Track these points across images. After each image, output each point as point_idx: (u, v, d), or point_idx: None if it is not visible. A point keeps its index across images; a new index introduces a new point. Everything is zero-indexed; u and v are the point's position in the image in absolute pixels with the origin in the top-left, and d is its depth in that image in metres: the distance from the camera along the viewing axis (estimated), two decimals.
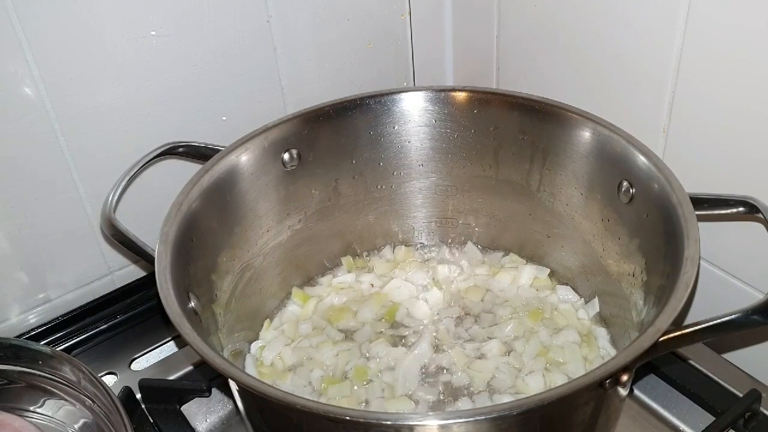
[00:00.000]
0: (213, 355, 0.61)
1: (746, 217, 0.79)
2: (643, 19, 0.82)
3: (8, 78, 0.81)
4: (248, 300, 0.87)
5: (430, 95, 0.92)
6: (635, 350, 0.58)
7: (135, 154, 0.84)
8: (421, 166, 0.96)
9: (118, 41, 0.86)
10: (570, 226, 0.89)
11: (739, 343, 0.87)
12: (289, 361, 0.85)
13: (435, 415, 0.55)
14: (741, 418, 0.76)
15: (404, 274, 0.96)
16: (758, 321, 0.60)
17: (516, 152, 0.91)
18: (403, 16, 1.10)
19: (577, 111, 0.84)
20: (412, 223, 1.00)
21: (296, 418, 0.61)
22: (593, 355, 0.83)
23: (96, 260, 0.97)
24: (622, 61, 0.87)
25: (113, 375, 0.90)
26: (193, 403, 0.84)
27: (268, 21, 0.96)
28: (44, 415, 0.77)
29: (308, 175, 0.91)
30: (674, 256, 0.67)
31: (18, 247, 0.89)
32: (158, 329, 0.95)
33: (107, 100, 0.88)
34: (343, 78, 1.07)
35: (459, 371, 0.82)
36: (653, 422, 0.80)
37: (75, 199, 0.91)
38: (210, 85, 0.95)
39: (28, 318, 0.94)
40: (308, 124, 0.89)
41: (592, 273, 0.88)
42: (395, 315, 0.90)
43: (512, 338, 0.85)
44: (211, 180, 0.80)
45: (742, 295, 0.84)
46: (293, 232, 0.92)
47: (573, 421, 0.63)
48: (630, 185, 0.78)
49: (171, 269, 0.69)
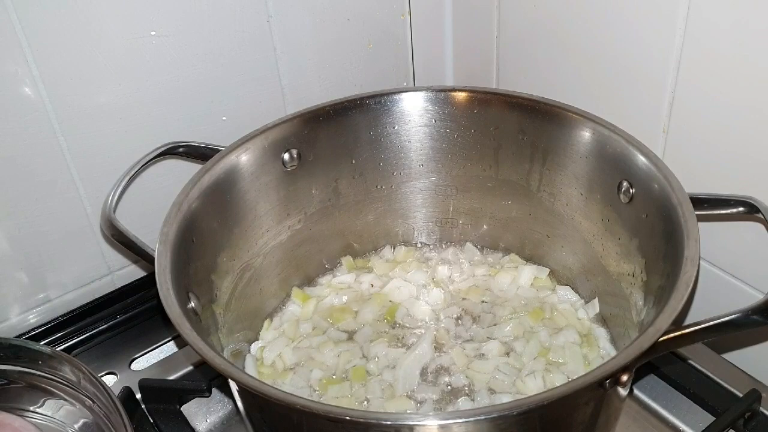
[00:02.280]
0: (213, 355, 0.61)
1: (746, 217, 0.79)
2: (643, 19, 0.82)
3: (8, 78, 0.81)
4: (248, 300, 0.87)
5: (430, 95, 0.92)
6: (635, 350, 0.58)
7: (135, 154, 0.85)
8: (421, 166, 0.96)
9: (119, 41, 0.86)
10: (570, 226, 0.89)
11: (739, 343, 0.87)
12: (289, 361, 0.84)
13: (435, 415, 0.55)
14: (741, 418, 0.76)
15: (404, 275, 0.96)
16: (758, 321, 0.60)
17: (516, 152, 0.91)
18: (403, 16, 1.10)
19: (577, 111, 0.84)
20: (412, 223, 1.00)
21: (296, 418, 0.61)
22: (593, 355, 0.83)
23: (96, 260, 0.97)
24: (622, 61, 0.87)
25: (113, 375, 0.90)
26: (193, 403, 0.84)
27: (268, 21, 0.96)
28: (44, 415, 0.77)
29: (308, 175, 0.91)
30: (674, 256, 0.67)
31: (18, 247, 0.89)
32: (158, 329, 0.95)
33: (107, 100, 0.88)
34: (343, 78, 1.07)
35: (459, 371, 0.82)
36: (653, 422, 0.80)
37: (75, 198, 0.91)
38: (210, 85, 0.95)
39: (28, 318, 0.94)
40: (308, 124, 0.89)
41: (592, 273, 0.88)
42: (395, 315, 0.90)
43: (512, 338, 0.85)
44: (211, 180, 0.80)
45: (742, 295, 0.84)
46: (293, 232, 0.92)
47: (573, 421, 0.63)
48: (630, 185, 0.78)
49: (171, 269, 0.69)
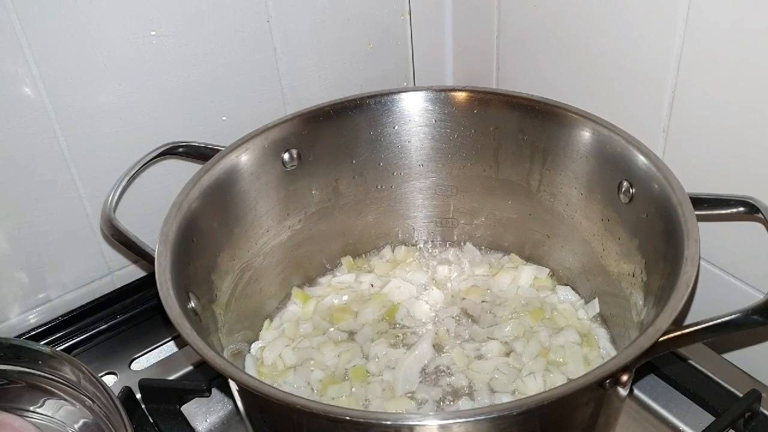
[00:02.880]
0: (213, 355, 0.61)
1: (746, 217, 0.79)
2: (643, 19, 0.82)
3: (8, 78, 0.81)
4: (248, 300, 0.87)
5: (430, 95, 0.92)
6: (635, 350, 0.58)
7: (135, 154, 0.85)
8: (421, 166, 0.96)
9: (119, 41, 0.86)
10: (570, 226, 0.89)
11: (739, 343, 0.87)
12: (289, 361, 0.84)
13: (435, 415, 0.55)
14: (741, 418, 0.76)
15: (404, 275, 0.96)
16: (758, 321, 0.60)
17: (516, 152, 0.91)
18: (404, 16, 1.10)
19: (577, 111, 0.84)
20: (412, 223, 1.00)
21: (296, 418, 0.61)
22: (593, 355, 0.83)
23: (96, 260, 0.97)
24: (622, 61, 0.87)
25: (113, 375, 0.90)
26: (193, 403, 0.84)
27: (268, 21, 0.96)
28: (44, 415, 0.77)
29: (308, 175, 0.91)
30: (674, 256, 0.67)
31: (18, 247, 0.89)
32: (158, 329, 0.95)
33: (107, 100, 0.88)
34: (343, 78, 1.07)
35: (459, 371, 0.82)
36: (653, 422, 0.80)
37: (75, 198, 0.91)
38: (210, 85, 0.95)
39: (28, 318, 0.94)
40: (308, 124, 0.89)
41: (592, 273, 0.88)
42: (395, 315, 0.90)
43: (512, 338, 0.85)
44: (211, 180, 0.80)
45: (742, 295, 0.84)
46: (293, 232, 0.92)
47: (573, 421, 0.63)
48: (630, 185, 0.78)
49: (171, 269, 0.69)
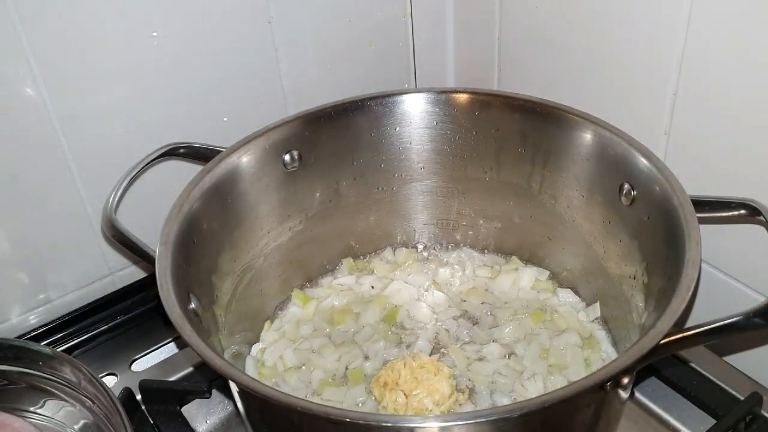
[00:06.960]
0: (213, 356, 0.61)
1: (748, 220, 0.79)
2: (644, 21, 0.82)
3: (9, 78, 0.81)
4: (249, 301, 0.87)
5: (431, 97, 0.92)
6: (636, 353, 0.58)
7: (136, 155, 0.84)
8: (422, 167, 0.96)
9: (120, 42, 0.86)
10: (571, 228, 0.89)
11: (741, 346, 0.87)
12: (289, 362, 0.84)
13: (435, 417, 0.55)
14: (742, 421, 0.76)
15: (405, 276, 0.96)
16: (760, 324, 0.60)
17: (517, 154, 0.91)
18: (405, 17, 1.09)
19: (579, 113, 0.84)
20: (413, 224, 1.00)
21: (296, 420, 0.61)
22: (594, 357, 0.83)
23: (96, 261, 0.97)
24: (624, 64, 0.87)
25: (113, 376, 0.90)
26: (193, 405, 0.84)
27: (270, 22, 0.96)
28: (44, 415, 0.77)
29: (309, 176, 0.90)
30: (675, 259, 0.66)
31: (18, 248, 0.89)
32: (159, 330, 0.95)
33: (108, 100, 0.88)
34: (344, 79, 1.07)
35: (459, 373, 0.82)
36: (654, 425, 0.80)
37: (76, 199, 0.91)
38: (211, 86, 0.95)
39: (28, 318, 0.94)
40: (309, 126, 0.89)
41: (593, 275, 0.88)
42: (396, 317, 0.90)
43: (513, 340, 0.85)
44: (212, 181, 0.80)
45: (744, 298, 0.84)
46: (294, 234, 0.92)
47: (574, 424, 0.63)
48: (631, 187, 0.78)
49: (172, 270, 0.69)
